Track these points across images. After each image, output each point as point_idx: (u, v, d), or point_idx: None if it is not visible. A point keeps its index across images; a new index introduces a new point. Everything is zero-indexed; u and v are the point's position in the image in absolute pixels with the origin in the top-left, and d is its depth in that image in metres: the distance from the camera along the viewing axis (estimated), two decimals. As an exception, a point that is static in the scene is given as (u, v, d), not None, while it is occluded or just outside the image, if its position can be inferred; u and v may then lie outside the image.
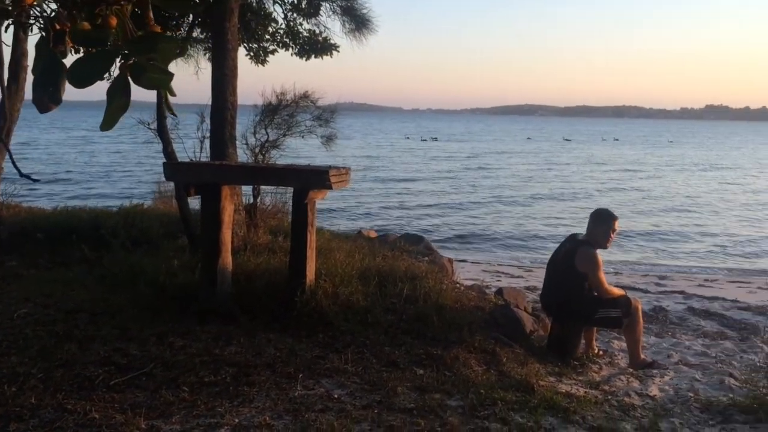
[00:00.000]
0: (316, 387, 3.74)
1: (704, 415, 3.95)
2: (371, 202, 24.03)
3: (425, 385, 3.85)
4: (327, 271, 5.28)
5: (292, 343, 4.37)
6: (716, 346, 5.96)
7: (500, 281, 9.55)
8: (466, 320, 4.95)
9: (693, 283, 10.72)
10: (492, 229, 19.04)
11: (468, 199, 25.71)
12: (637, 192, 29.56)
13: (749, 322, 7.18)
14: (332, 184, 4.76)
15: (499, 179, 34.10)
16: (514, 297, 6.17)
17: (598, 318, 5.00)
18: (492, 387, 3.88)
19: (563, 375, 4.53)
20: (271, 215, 7.38)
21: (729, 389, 4.49)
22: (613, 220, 5.07)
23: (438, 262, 7.24)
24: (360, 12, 6.98)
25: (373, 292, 5.16)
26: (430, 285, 5.44)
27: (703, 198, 27.70)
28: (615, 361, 5.21)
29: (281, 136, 6.69)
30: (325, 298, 4.84)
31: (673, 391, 4.47)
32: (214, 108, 6.05)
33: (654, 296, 8.85)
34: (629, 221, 20.75)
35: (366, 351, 4.31)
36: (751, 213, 23.44)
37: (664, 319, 7.14)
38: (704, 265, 14.74)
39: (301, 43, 7.68)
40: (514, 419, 3.48)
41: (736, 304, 8.28)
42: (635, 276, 11.50)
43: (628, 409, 3.91)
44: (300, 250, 4.94)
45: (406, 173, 35.57)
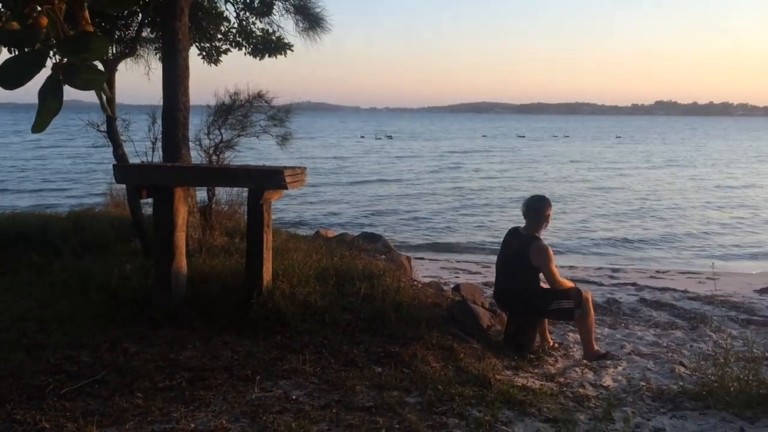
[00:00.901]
0: (274, 389, 3.71)
1: (656, 403, 4.05)
2: (330, 202, 23.99)
3: (384, 382, 3.85)
4: (284, 272, 5.24)
5: (249, 345, 4.33)
6: (667, 336, 6.12)
7: (458, 278, 9.63)
8: (424, 317, 4.98)
9: (645, 275, 11.00)
10: (449, 226, 19.21)
11: (424, 197, 25.86)
12: (583, 185, 30.18)
13: (698, 311, 7.40)
14: (288, 184, 4.73)
15: (456, 177, 34.38)
16: (471, 293, 6.22)
17: (552, 310, 5.09)
18: (450, 382, 3.91)
19: (520, 368, 4.59)
20: (227, 217, 7.30)
21: (679, 377, 4.62)
22: (549, 207, 5.18)
23: (396, 260, 7.26)
24: (313, 11, 6.94)
25: (331, 291, 5.15)
26: (388, 283, 5.45)
27: (647, 192, 28.41)
28: (570, 353, 5.31)
29: (236, 137, 6.62)
30: (282, 299, 4.80)
31: (625, 380, 4.58)
32: (165, 109, 5.95)
33: (607, 288, 9.05)
34: (581, 215, 21.18)
35: (324, 351, 4.29)
36: (697, 205, 24.15)
37: (617, 311, 7.30)
38: (656, 256, 15.14)
39: (255, 43, 7.60)
40: (471, 414, 3.52)
41: (686, 294, 8.52)
42: (589, 269, 11.74)
43: (583, 400, 3.99)
44: (256, 251, 4.90)
45: (364, 173, 35.57)
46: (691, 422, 3.69)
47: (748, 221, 20.56)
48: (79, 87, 1.31)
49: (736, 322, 6.95)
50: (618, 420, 3.67)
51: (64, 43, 1.29)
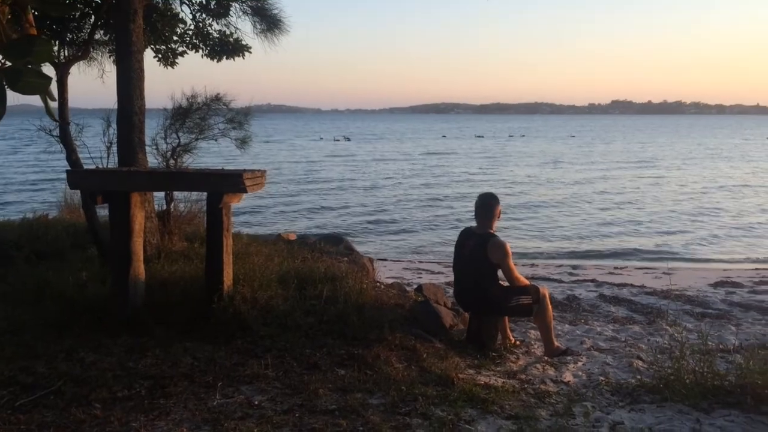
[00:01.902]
0: (236, 394, 3.67)
1: (614, 397, 4.13)
2: (291, 204, 23.85)
3: (347, 385, 3.85)
4: (245, 276, 5.20)
5: (210, 351, 4.27)
6: (625, 331, 6.25)
7: (421, 278, 9.68)
8: (387, 318, 4.98)
9: (604, 272, 11.22)
10: (411, 226, 19.29)
11: (386, 198, 25.92)
12: (544, 182, 30.63)
13: (655, 306, 7.58)
14: (247, 188, 4.68)
15: (419, 177, 34.54)
16: (433, 293, 6.25)
17: (510, 307, 5.15)
18: (413, 383, 3.92)
19: (482, 367, 4.63)
20: (186, 221, 7.20)
21: (637, 371, 4.72)
22: (498, 203, 5.27)
23: (358, 262, 7.26)
24: (271, 12, 6.89)
25: (293, 294, 5.12)
26: (350, 285, 5.44)
27: (603, 189, 28.98)
28: (531, 350, 5.37)
29: (193, 140, 6.53)
30: (243, 304, 4.76)
31: (585, 376, 4.66)
32: (120, 112, 5.83)
33: (567, 285, 9.21)
34: (539, 214, 21.48)
35: (286, 355, 4.27)
36: (652, 200, 24.71)
37: (577, 307, 7.43)
38: (614, 251, 15.44)
39: (212, 45, 7.51)
40: (434, 413, 3.53)
41: (643, 289, 8.72)
42: (550, 267, 11.91)
43: (544, 396, 4.04)
44: (216, 255, 4.84)
45: (325, 175, 35.48)
46: (648, 415, 3.77)
47: (703, 216, 21.10)
48: (23, 91, 1.27)
49: (691, 315, 7.14)
50: (578, 415, 3.73)
51: (6, 47, 1.25)
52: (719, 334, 6.09)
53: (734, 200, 25.24)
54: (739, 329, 6.45)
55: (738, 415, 3.71)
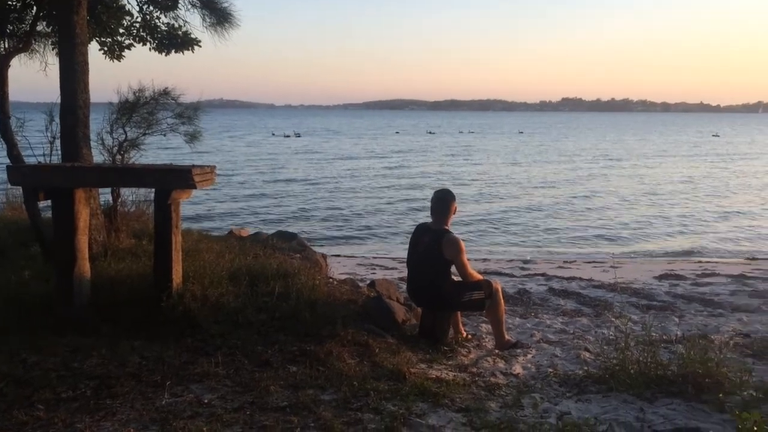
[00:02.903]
0: (185, 393, 3.61)
1: (562, 388, 4.22)
2: (244, 200, 23.59)
3: (299, 382, 3.83)
4: (195, 273, 5.11)
5: (158, 350, 4.19)
6: (574, 323, 6.38)
7: (375, 274, 9.70)
8: (340, 314, 4.98)
9: (553, 266, 11.44)
10: (366, 222, 19.30)
11: (341, 194, 25.87)
12: (492, 178, 31.06)
13: (603, 298, 7.77)
14: (196, 183, 4.61)
15: (374, 173, 34.57)
16: (386, 288, 6.27)
17: (463, 302, 5.20)
18: (365, 378, 3.93)
19: (434, 361, 4.66)
20: (134, 218, 7.05)
21: (584, 363, 4.83)
22: (454, 200, 5.31)
23: (311, 258, 7.22)
24: (220, 6, 6.77)
25: (245, 292, 5.06)
26: (302, 281, 5.41)
27: (542, 183, 29.54)
28: (483, 344, 5.44)
29: (141, 135, 6.38)
30: (193, 301, 4.68)
31: (534, 368, 4.74)
32: (64, 106, 5.66)
33: (519, 279, 9.35)
34: (480, 207, 21.76)
35: (237, 352, 4.22)
36: (599, 196, 25.29)
37: (528, 301, 7.55)
38: (563, 249, 15.75)
39: (160, 38, 7.35)
40: (386, 408, 3.54)
41: (591, 282, 8.92)
42: (501, 262, 12.09)
43: (494, 389, 4.10)
44: (165, 252, 4.75)
45: (276, 171, 35.17)
46: (594, 405, 3.86)
47: (648, 211, 21.70)
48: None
49: (636, 307, 7.34)
50: (527, 406, 3.79)
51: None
52: (663, 325, 6.28)
53: (686, 196, 26.02)
54: (682, 320, 6.66)
55: (680, 404, 3.83)
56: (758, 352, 5.16)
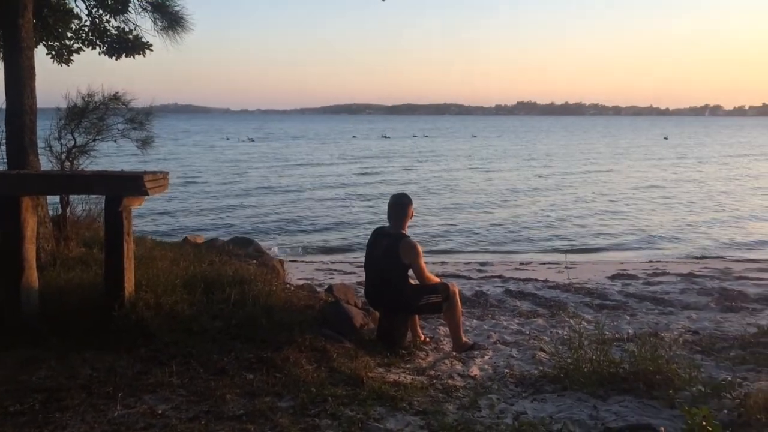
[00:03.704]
0: (138, 404, 3.54)
1: (518, 388, 4.27)
2: (200, 207, 23.27)
3: (255, 389, 3.79)
4: (148, 282, 5.02)
5: (110, 360, 4.09)
6: (530, 324, 6.46)
7: (333, 278, 9.66)
8: (297, 320, 4.94)
9: (510, 267, 11.57)
10: (324, 226, 19.25)
11: (298, 199, 25.74)
12: (445, 181, 31.34)
13: (558, 299, 7.88)
14: (148, 190, 4.53)
15: (333, 177, 34.49)
16: (344, 293, 6.26)
17: (421, 305, 5.22)
18: (322, 384, 3.91)
19: (392, 365, 4.67)
20: (84, 226, 6.88)
21: (540, 363, 4.90)
22: (411, 203, 5.34)
23: (268, 264, 7.17)
24: (172, 9, 6.68)
25: (200, 299, 4.99)
26: (259, 288, 5.36)
27: (494, 187, 29.98)
28: (440, 347, 5.46)
29: (91, 141, 6.24)
30: (146, 310, 4.59)
31: (491, 369, 4.79)
32: (9, 112, 5.50)
33: (476, 282, 9.43)
34: (444, 212, 21.93)
35: (192, 361, 4.15)
36: (552, 196, 25.73)
37: (485, 303, 7.61)
38: (519, 249, 15.96)
39: (110, 42, 7.20)
40: (344, 413, 3.53)
41: (547, 284, 9.04)
42: (459, 264, 12.18)
43: (451, 391, 4.13)
44: (116, 261, 4.65)
45: (233, 177, 34.80)
46: (550, 404, 3.92)
47: (601, 211, 22.16)
48: None
49: (590, 307, 7.47)
50: (484, 407, 3.83)
51: None
52: (616, 324, 6.41)
53: (641, 198, 26.65)
54: (634, 319, 6.81)
55: (632, 401, 3.92)
56: (706, 349, 5.31)
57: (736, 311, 7.27)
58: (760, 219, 21.07)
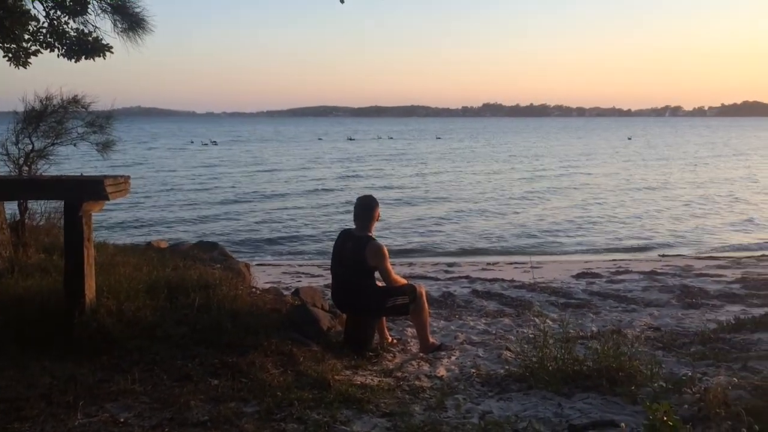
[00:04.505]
0: (100, 413, 3.48)
1: (485, 388, 4.30)
2: (164, 212, 22.96)
3: (220, 395, 3.75)
4: (110, 288, 4.93)
5: (71, 368, 4.01)
6: (496, 324, 6.51)
7: (300, 281, 9.62)
8: (263, 324, 4.90)
9: (477, 268, 11.65)
10: (291, 230, 19.14)
11: (265, 203, 25.57)
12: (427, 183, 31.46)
13: (524, 298, 7.96)
14: (109, 195, 4.45)
15: (298, 182, 34.33)
16: (311, 296, 6.22)
17: (388, 307, 5.22)
18: (289, 388, 3.89)
19: (359, 367, 4.66)
20: (44, 232, 6.74)
21: (506, 362, 4.94)
22: (377, 206, 5.34)
23: (234, 268, 7.08)
24: (133, 11, 6.57)
25: (163, 305, 4.92)
26: (224, 292, 5.30)
27: (468, 187, 30.19)
28: (408, 348, 5.47)
29: (49, 145, 6.11)
30: (108, 317, 4.51)
31: (458, 369, 4.81)
32: (-37, 116, 5.37)
33: (443, 282, 9.46)
34: (410, 213, 21.99)
35: (156, 367, 4.09)
36: (518, 196, 26.00)
37: (452, 304, 7.65)
38: (489, 249, 16.08)
39: (69, 44, 7.04)
40: (310, 417, 3.52)
41: (513, 283, 9.12)
42: (426, 265, 12.21)
43: (418, 392, 4.14)
44: (76, 267, 4.55)
45: (198, 181, 34.41)
46: (515, 403, 3.96)
47: (570, 211, 22.45)
48: None
49: (555, 306, 7.56)
50: (450, 407, 3.85)
51: None
52: (580, 322, 6.49)
53: (605, 197, 27.06)
54: (598, 316, 6.91)
55: (595, 397, 3.97)
56: (668, 345, 5.42)
57: (696, 308, 7.42)
58: (722, 217, 21.57)
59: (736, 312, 7.00)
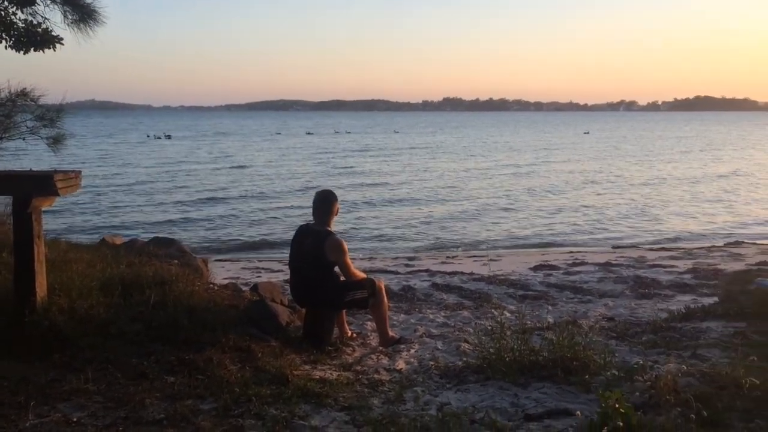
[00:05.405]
0: (52, 413, 3.41)
1: (443, 380, 4.34)
2: (125, 208, 22.52)
3: (176, 392, 3.71)
4: (62, 285, 4.82)
5: (22, 368, 3.92)
6: (455, 316, 6.57)
7: (260, 277, 9.54)
8: (220, 320, 4.86)
9: (437, 261, 11.72)
10: (250, 224, 18.98)
11: (224, 197, 25.28)
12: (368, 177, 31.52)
13: (483, 291, 8.04)
14: (59, 190, 4.34)
15: (258, 177, 34.03)
16: (269, 291, 6.18)
17: (347, 301, 5.22)
18: (247, 384, 3.86)
19: (318, 362, 4.66)
20: (-8, 229, 6.53)
21: (464, 354, 4.98)
22: (336, 200, 5.33)
23: (192, 264, 6.99)
24: (83, 2, 6.40)
25: (117, 302, 4.83)
26: (180, 288, 5.24)
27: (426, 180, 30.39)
28: (367, 342, 5.48)
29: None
30: (60, 315, 4.41)
31: (417, 362, 4.84)
32: None
33: (403, 276, 9.50)
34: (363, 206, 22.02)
35: (110, 366, 4.02)
36: (472, 190, 26.25)
37: (412, 297, 7.68)
38: (448, 243, 16.19)
39: (17, 35, 6.82)
40: (268, 413, 3.50)
41: (472, 276, 9.20)
42: (387, 260, 12.24)
43: (377, 385, 4.15)
44: (26, 265, 4.44)
45: (156, 176, 33.80)
46: (473, 394, 4.00)
47: (521, 203, 22.75)
48: None
49: (514, 298, 7.67)
50: (409, 400, 3.88)
51: None
52: (537, 314, 6.60)
53: (564, 191, 27.47)
54: (555, 308, 7.03)
55: (551, 387, 4.05)
56: (621, 334, 5.55)
57: (649, 298, 7.61)
58: (676, 209, 22.12)
59: (686, 301, 7.20)
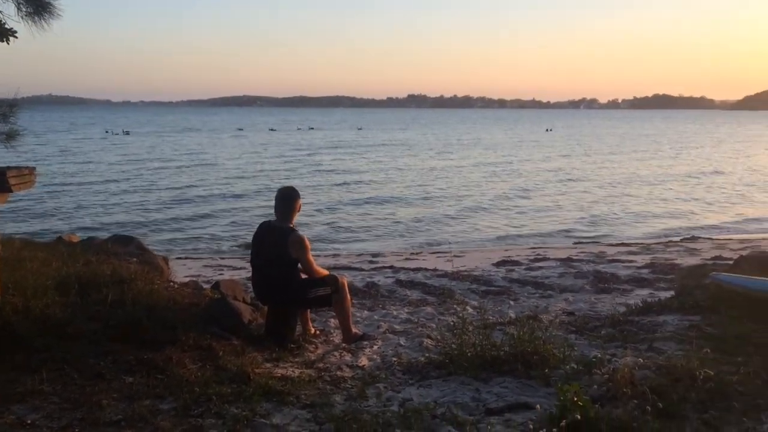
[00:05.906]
0: (6, 415, 3.33)
1: (406, 376, 4.36)
2: (77, 204, 22.06)
3: (135, 392, 3.65)
4: (16, 284, 4.71)
5: (-27, 371, 3.81)
6: (419, 312, 6.59)
7: (222, 275, 9.44)
8: (180, 318, 4.80)
9: (401, 258, 11.75)
10: (213, 222, 18.79)
11: (186, 194, 24.95)
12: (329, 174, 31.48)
13: (446, 287, 8.07)
14: (12, 186, 4.24)
15: (221, 172, 33.66)
16: (231, 289, 6.11)
17: (310, 299, 5.20)
18: (207, 383, 3.82)
19: (280, 359, 4.63)
20: (-57, 227, 6.33)
21: (426, 350, 5.01)
22: (298, 197, 5.30)
23: (152, 262, 6.88)
24: (38, -6, 6.22)
25: (74, 301, 4.74)
26: (139, 287, 5.16)
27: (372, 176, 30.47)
28: (330, 339, 5.47)
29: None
30: (14, 315, 4.31)
31: (380, 358, 4.85)
32: None
33: (367, 273, 9.50)
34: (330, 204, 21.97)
35: (66, 366, 3.93)
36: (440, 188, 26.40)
37: (375, 294, 7.67)
38: (412, 240, 16.24)
39: (-32, 27, 6.63)
40: (229, 411, 3.47)
41: (436, 272, 9.24)
42: (351, 256, 12.23)
43: (340, 382, 4.15)
44: (-22, 264, 4.32)
45: (111, 172, 33.15)
46: (435, 389, 4.03)
47: (486, 199, 22.96)
48: None
49: (476, 293, 7.72)
50: (371, 396, 3.88)
51: None
52: (499, 309, 6.66)
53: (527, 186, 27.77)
54: (516, 303, 7.11)
55: (511, 381, 4.10)
56: (580, 328, 5.63)
57: (608, 292, 7.74)
58: (637, 204, 22.56)
59: (644, 295, 7.33)
